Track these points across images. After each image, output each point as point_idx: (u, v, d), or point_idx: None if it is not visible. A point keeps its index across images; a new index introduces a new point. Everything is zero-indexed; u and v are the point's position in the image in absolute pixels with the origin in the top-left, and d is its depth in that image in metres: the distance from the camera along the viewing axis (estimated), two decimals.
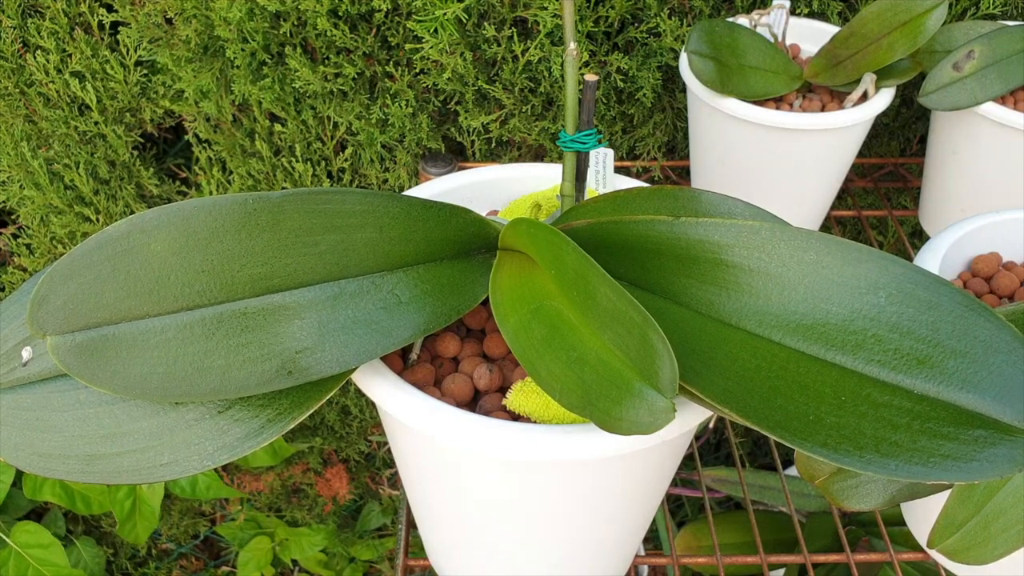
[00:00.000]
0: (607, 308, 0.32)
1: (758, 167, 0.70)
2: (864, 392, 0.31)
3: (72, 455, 0.35)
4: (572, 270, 0.34)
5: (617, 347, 0.32)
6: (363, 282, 0.36)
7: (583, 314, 0.34)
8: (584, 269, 0.34)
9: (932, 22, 0.65)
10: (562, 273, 0.35)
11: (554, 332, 0.34)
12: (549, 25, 0.74)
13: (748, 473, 0.83)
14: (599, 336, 0.33)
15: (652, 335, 0.31)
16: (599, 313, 0.33)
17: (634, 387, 0.31)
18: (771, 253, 0.35)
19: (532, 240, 0.37)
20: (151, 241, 0.33)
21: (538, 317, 0.35)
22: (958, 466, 0.29)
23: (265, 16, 0.76)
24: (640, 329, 0.31)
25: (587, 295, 0.33)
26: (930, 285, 0.32)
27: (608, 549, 0.47)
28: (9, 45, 0.83)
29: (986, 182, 0.69)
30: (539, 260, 0.37)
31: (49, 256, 0.96)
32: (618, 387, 0.31)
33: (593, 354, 0.33)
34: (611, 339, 0.32)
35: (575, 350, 0.33)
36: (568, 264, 0.35)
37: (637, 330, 0.31)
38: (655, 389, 0.30)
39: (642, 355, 0.31)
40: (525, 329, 0.35)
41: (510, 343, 0.35)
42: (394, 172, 0.89)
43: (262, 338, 0.34)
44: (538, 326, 0.35)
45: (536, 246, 0.37)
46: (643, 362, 0.31)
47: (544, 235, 0.36)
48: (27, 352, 0.37)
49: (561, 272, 0.35)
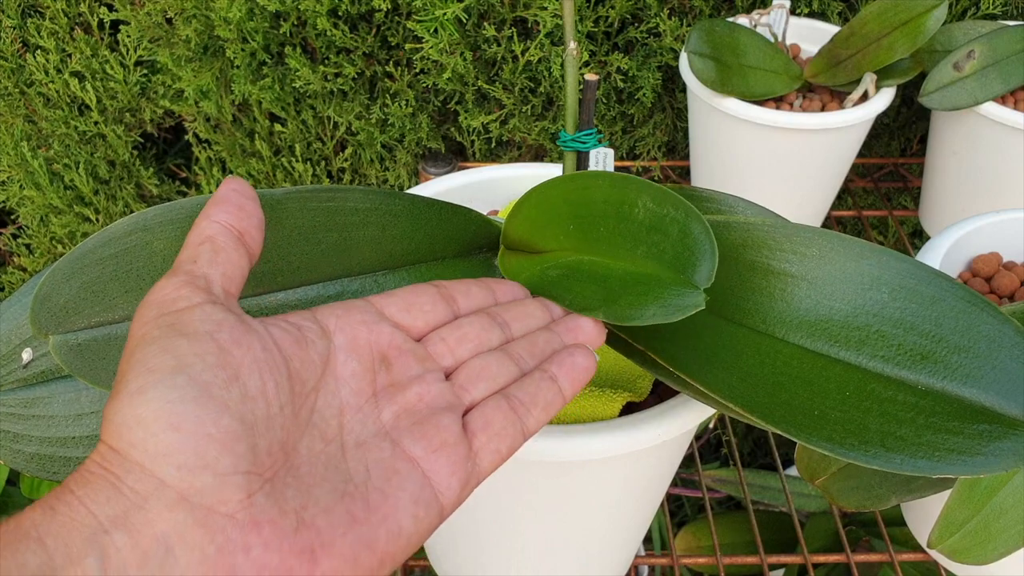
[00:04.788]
0: (644, 221, 0.33)
1: (758, 167, 0.70)
2: (868, 387, 0.31)
3: (73, 457, 0.35)
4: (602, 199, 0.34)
5: (650, 257, 0.32)
6: (365, 280, 0.36)
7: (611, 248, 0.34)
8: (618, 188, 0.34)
9: (932, 22, 0.65)
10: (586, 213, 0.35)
11: (573, 270, 0.34)
12: (549, 25, 0.74)
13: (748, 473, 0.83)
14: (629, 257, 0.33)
15: (694, 226, 0.31)
16: (633, 232, 0.33)
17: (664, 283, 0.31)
18: (774, 250, 0.35)
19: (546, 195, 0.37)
20: (153, 239, 0.33)
21: (555, 267, 0.35)
22: (963, 460, 0.29)
23: (265, 16, 0.76)
24: (681, 226, 0.31)
25: (620, 218, 0.33)
26: (933, 281, 0.32)
27: (608, 549, 0.47)
28: (9, 45, 0.83)
29: (986, 182, 0.69)
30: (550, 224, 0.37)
31: (49, 256, 0.96)
32: (645, 285, 0.31)
33: (619, 272, 0.33)
34: (644, 252, 0.32)
35: (598, 274, 0.33)
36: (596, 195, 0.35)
37: (677, 229, 0.31)
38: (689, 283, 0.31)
39: (680, 251, 0.31)
40: (540, 275, 0.35)
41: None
42: (394, 172, 0.89)
43: None
44: (554, 271, 0.35)
45: (550, 201, 0.37)
46: (679, 258, 0.31)
47: (561, 181, 0.37)
48: (27, 353, 0.37)
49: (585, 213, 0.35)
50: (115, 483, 0.22)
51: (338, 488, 0.25)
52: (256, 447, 0.24)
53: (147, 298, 0.26)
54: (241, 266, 0.28)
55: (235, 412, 0.24)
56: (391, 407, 0.28)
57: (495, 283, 0.34)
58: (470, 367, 0.30)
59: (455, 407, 0.29)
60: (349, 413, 0.27)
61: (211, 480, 0.22)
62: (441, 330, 0.31)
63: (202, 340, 0.25)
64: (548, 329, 0.32)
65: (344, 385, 0.28)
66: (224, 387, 0.24)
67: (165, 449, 0.22)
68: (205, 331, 0.25)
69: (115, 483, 0.22)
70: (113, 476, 0.22)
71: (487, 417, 0.28)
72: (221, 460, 0.23)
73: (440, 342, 0.30)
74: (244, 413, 0.24)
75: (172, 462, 0.22)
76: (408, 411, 0.28)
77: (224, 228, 0.28)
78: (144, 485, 0.22)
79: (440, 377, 0.29)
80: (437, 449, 0.27)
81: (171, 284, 0.26)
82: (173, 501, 0.22)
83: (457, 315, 0.32)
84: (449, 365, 0.30)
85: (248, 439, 0.24)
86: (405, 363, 0.29)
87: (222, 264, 0.27)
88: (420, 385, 0.29)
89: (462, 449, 0.27)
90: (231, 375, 0.24)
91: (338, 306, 0.29)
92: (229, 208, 0.28)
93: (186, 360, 0.24)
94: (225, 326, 0.25)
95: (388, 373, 0.29)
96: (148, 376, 0.23)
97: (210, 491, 0.22)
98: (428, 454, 0.27)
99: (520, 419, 0.29)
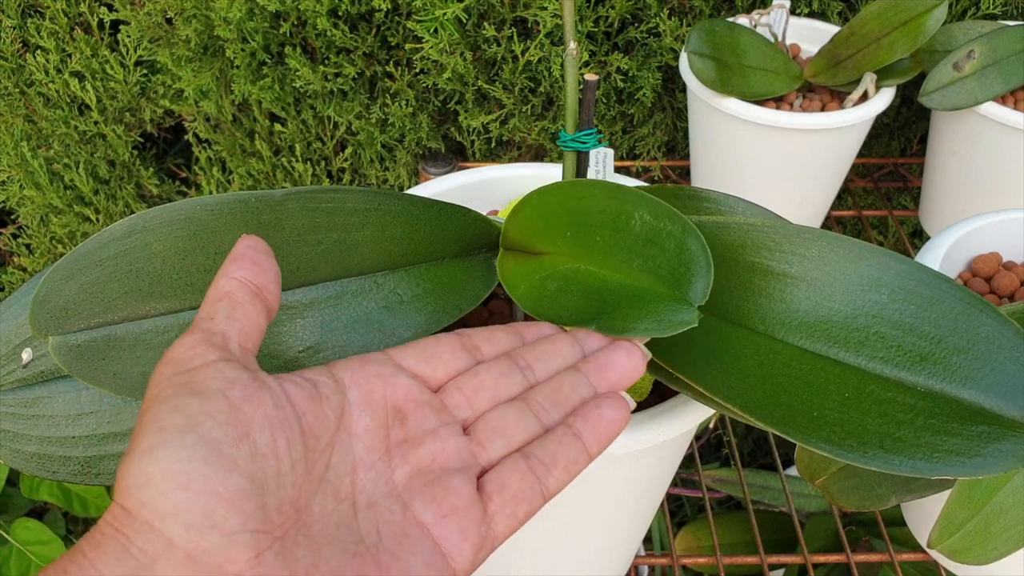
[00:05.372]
0: (641, 233, 0.32)
1: (758, 167, 0.70)
2: (867, 389, 0.31)
3: (73, 456, 0.35)
4: (598, 208, 0.34)
5: (646, 271, 0.32)
6: (365, 281, 0.36)
7: (607, 258, 0.33)
8: (615, 199, 0.34)
9: (932, 22, 0.65)
10: (583, 221, 0.35)
11: (570, 282, 0.34)
12: (549, 25, 0.74)
13: (748, 473, 0.83)
14: (625, 270, 0.33)
15: (691, 242, 0.31)
16: (629, 244, 0.33)
17: (659, 298, 0.31)
18: (773, 250, 0.35)
19: (545, 200, 0.37)
20: (153, 240, 0.33)
21: (552, 277, 0.35)
22: (962, 461, 0.29)
23: (265, 16, 0.76)
24: (678, 240, 0.31)
25: (616, 228, 0.33)
26: (932, 282, 0.32)
27: (608, 549, 0.47)
28: (9, 45, 0.83)
29: (986, 182, 0.69)
30: (548, 229, 0.36)
31: (49, 256, 0.96)
32: (640, 299, 0.31)
33: (615, 284, 0.32)
34: (640, 265, 0.32)
35: (594, 287, 0.33)
36: (593, 204, 0.34)
37: (673, 243, 0.31)
38: (683, 299, 0.30)
39: (676, 267, 0.31)
40: (538, 288, 0.35)
41: (522, 302, 0.35)
42: (394, 172, 0.89)
43: (264, 337, 0.34)
44: (552, 283, 0.34)
45: (549, 206, 0.37)
46: (675, 274, 0.31)
47: (560, 188, 0.36)
48: (27, 353, 0.37)
49: (582, 221, 0.35)
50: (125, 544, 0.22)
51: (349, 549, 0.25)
52: (266, 505, 0.24)
53: (165, 356, 0.27)
54: (258, 322, 0.28)
55: (245, 470, 0.24)
56: (404, 467, 0.28)
57: (524, 327, 0.33)
58: (488, 421, 0.29)
59: (470, 467, 0.28)
60: (362, 471, 0.27)
61: (219, 540, 0.22)
62: (459, 379, 0.30)
63: (214, 398, 0.25)
64: (576, 370, 0.31)
65: (357, 441, 0.28)
66: (234, 445, 0.24)
67: (173, 508, 0.22)
68: (217, 389, 0.25)
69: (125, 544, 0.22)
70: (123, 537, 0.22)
71: (503, 479, 0.28)
72: (229, 519, 0.23)
73: (457, 392, 0.30)
74: (254, 471, 0.24)
75: (180, 521, 0.22)
76: (421, 471, 0.28)
77: (241, 284, 0.28)
78: (153, 546, 0.22)
79: (457, 431, 0.29)
80: (447, 515, 0.27)
81: (187, 342, 0.27)
82: (181, 561, 0.22)
83: (480, 362, 0.31)
84: (467, 417, 0.30)
85: (258, 497, 0.24)
86: (421, 416, 0.29)
87: (239, 320, 0.28)
88: (435, 441, 0.28)
89: (475, 513, 0.27)
90: (241, 433, 0.24)
91: (354, 360, 0.29)
92: (245, 264, 0.29)
93: (196, 419, 0.24)
94: (238, 384, 0.26)
95: (403, 428, 0.28)
96: (158, 435, 0.24)
97: (218, 551, 0.22)
98: (438, 519, 0.27)
99: (539, 480, 0.28)
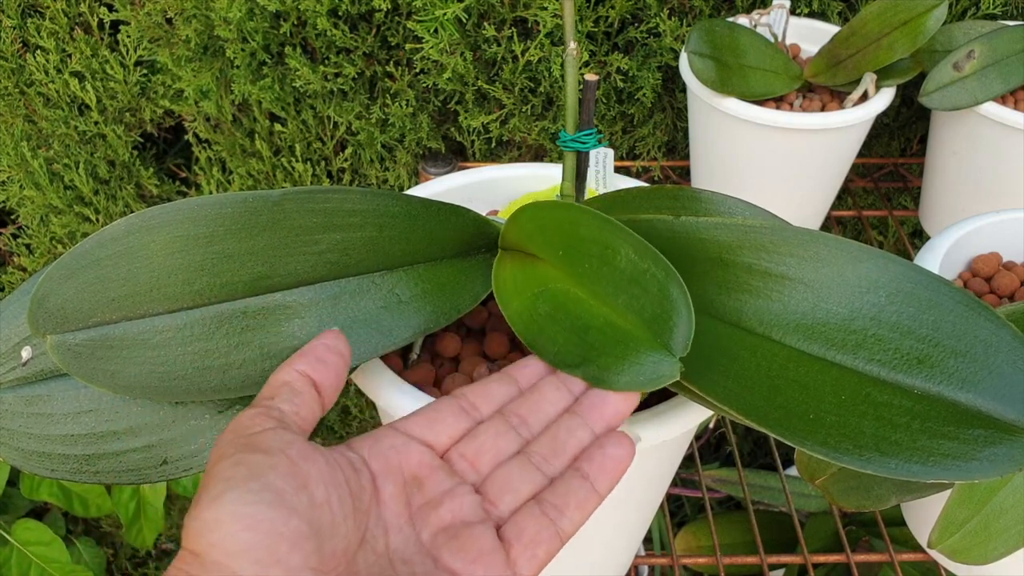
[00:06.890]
0: (626, 270, 0.33)
1: (758, 167, 0.70)
2: (864, 391, 0.31)
3: (72, 455, 0.35)
4: (588, 237, 0.34)
5: (630, 310, 0.32)
6: (363, 281, 0.36)
7: (593, 286, 0.34)
8: (605, 231, 0.34)
9: (932, 22, 0.65)
10: (574, 245, 0.35)
11: (559, 307, 0.34)
12: (549, 25, 0.74)
13: (748, 473, 0.83)
14: (611, 303, 0.33)
15: (673, 289, 0.31)
16: (615, 278, 0.33)
17: (642, 344, 0.31)
18: (771, 252, 0.35)
19: (540, 217, 0.37)
20: (151, 240, 0.33)
21: (543, 297, 0.35)
22: (958, 465, 0.29)
23: (265, 16, 0.76)
24: (661, 285, 0.31)
25: (603, 261, 0.34)
26: (930, 284, 0.32)
27: (607, 549, 0.47)
28: (9, 45, 0.83)
29: (986, 182, 0.69)
30: (544, 242, 0.37)
31: (49, 256, 0.96)
32: (623, 344, 0.31)
33: (601, 319, 0.33)
34: (625, 302, 0.32)
35: (581, 319, 0.33)
36: (584, 232, 0.35)
37: (656, 287, 0.31)
38: (665, 347, 0.31)
39: (658, 312, 0.31)
40: (529, 308, 0.35)
41: (512, 322, 0.35)
42: (394, 172, 0.89)
43: (262, 337, 0.34)
44: (543, 304, 0.35)
45: (544, 223, 0.37)
46: (658, 320, 0.31)
47: (555, 209, 0.36)
48: (27, 352, 0.37)
49: (573, 244, 0.35)
50: None
51: None
52: (322, 548, 0.26)
53: (227, 427, 0.29)
54: (313, 409, 0.31)
55: (304, 516, 0.26)
56: (428, 528, 0.30)
57: (515, 369, 0.35)
58: (494, 480, 0.31)
59: (487, 520, 0.30)
60: (392, 533, 0.29)
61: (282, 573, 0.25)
62: (459, 445, 0.32)
63: (275, 454, 0.27)
64: (572, 413, 0.33)
65: (386, 508, 0.30)
66: (294, 494, 0.26)
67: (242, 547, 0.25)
68: (278, 447, 0.28)
69: None
70: None
71: (520, 525, 0.30)
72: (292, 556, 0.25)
73: (460, 459, 0.32)
74: (312, 517, 0.26)
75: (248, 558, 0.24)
76: (444, 529, 0.30)
77: (301, 376, 0.31)
78: None
79: (470, 490, 0.31)
80: (475, 560, 0.29)
81: (248, 415, 0.29)
82: None
83: (479, 422, 0.33)
84: (475, 481, 0.32)
85: (315, 540, 0.26)
86: (436, 480, 0.31)
87: (297, 404, 0.30)
88: (452, 500, 0.31)
89: (499, 557, 0.29)
90: (300, 484, 0.27)
91: (367, 437, 0.32)
92: (310, 360, 0.32)
93: (260, 470, 0.26)
94: (295, 444, 0.28)
95: (421, 492, 0.31)
96: (224, 484, 0.26)
97: None
98: (467, 565, 0.29)
99: (554, 522, 0.31)
